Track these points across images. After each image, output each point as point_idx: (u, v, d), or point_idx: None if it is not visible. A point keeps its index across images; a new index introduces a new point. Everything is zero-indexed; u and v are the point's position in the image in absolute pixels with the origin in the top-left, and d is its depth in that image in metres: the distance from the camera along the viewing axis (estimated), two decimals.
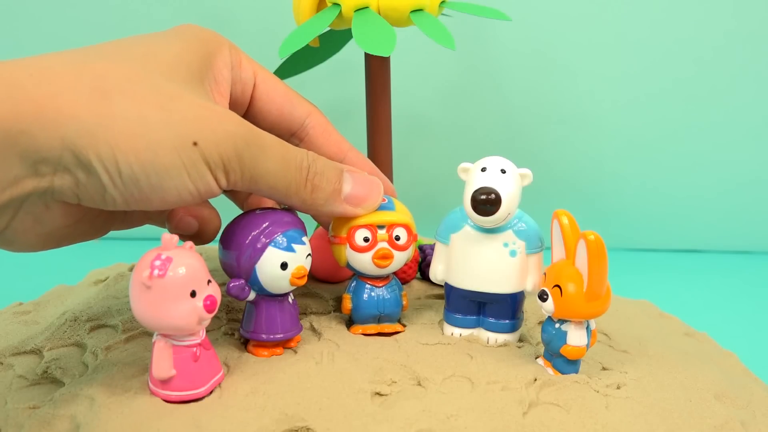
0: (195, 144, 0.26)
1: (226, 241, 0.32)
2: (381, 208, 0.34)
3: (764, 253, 0.77)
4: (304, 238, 0.32)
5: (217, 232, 0.35)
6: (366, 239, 0.33)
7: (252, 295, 0.32)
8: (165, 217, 0.34)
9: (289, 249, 0.31)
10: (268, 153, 0.28)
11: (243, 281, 0.31)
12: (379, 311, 0.35)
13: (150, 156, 0.25)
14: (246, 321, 0.33)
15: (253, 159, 0.28)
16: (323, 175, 0.31)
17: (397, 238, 0.34)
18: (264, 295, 0.32)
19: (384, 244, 0.34)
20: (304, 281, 0.31)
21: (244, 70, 0.33)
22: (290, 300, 0.33)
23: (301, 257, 0.31)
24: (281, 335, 0.32)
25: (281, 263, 0.31)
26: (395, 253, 0.34)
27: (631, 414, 0.30)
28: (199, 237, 0.34)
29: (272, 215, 0.31)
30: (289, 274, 0.31)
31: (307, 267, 0.32)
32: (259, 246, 0.30)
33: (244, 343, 0.34)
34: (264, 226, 0.31)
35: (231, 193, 0.38)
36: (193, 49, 0.30)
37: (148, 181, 0.26)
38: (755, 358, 0.42)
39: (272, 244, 0.31)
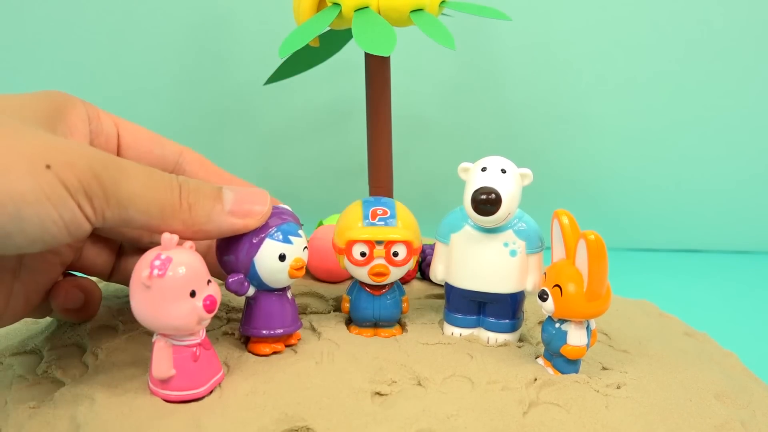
0: (48, 167, 0.24)
1: (222, 245, 0.32)
2: (383, 222, 0.33)
3: (764, 253, 0.77)
4: (300, 231, 0.32)
5: (100, 302, 0.35)
6: (363, 254, 0.33)
7: (251, 291, 0.32)
8: (47, 294, 0.33)
9: (286, 241, 0.31)
10: (130, 174, 0.27)
11: (242, 276, 0.31)
12: (375, 317, 0.35)
13: (2, 182, 0.24)
14: (245, 318, 0.33)
15: (114, 181, 0.26)
16: (199, 192, 0.29)
17: (395, 254, 0.33)
18: (263, 290, 0.32)
19: (380, 261, 0.33)
20: (302, 273, 0.32)
21: (103, 122, 0.32)
22: (289, 296, 0.33)
23: (298, 249, 0.31)
24: (281, 330, 0.32)
25: (279, 255, 0.31)
26: (392, 269, 0.33)
27: (631, 414, 0.30)
28: (85, 310, 0.34)
29: None
30: (288, 266, 0.31)
31: (305, 259, 0.32)
32: (255, 240, 0.31)
33: (245, 342, 0.34)
34: None
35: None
36: (41, 99, 0.29)
37: (4, 209, 0.24)
38: (755, 358, 0.42)
39: (269, 236, 0.31)
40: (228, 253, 0.31)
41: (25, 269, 0.31)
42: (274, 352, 0.32)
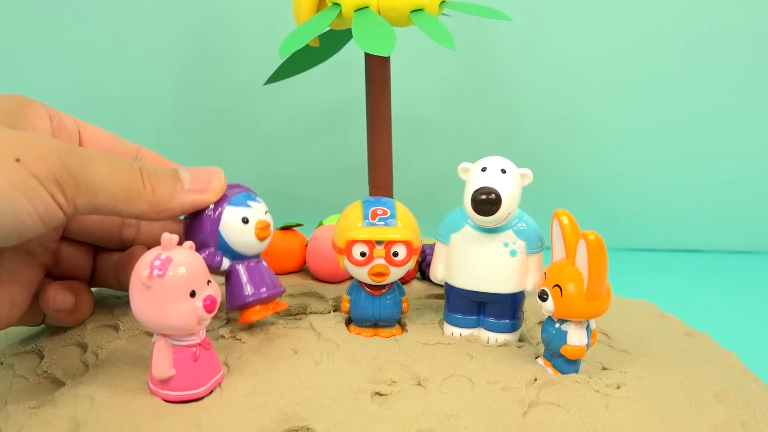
0: (18, 161, 0.25)
1: (188, 229, 0.33)
2: (383, 222, 0.33)
3: (764, 253, 0.77)
4: (258, 198, 0.33)
5: (92, 304, 0.36)
6: (363, 254, 0.33)
7: (226, 263, 0.32)
8: (35, 299, 0.33)
9: (245, 204, 0.32)
10: (95, 161, 0.28)
11: (212, 248, 0.32)
12: (375, 317, 0.35)
13: None
14: (229, 293, 0.33)
15: (83, 168, 0.27)
16: (158, 174, 0.30)
17: (395, 254, 0.33)
18: (237, 260, 0.33)
19: (380, 260, 0.33)
20: (268, 233, 0.33)
21: (64, 120, 0.33)
22: (264, 264, 0.34)
23: (259, 212, 0.33)
24: (265, 291, 0.33)
25: (242, 218, 0.32)
26: (392, 269, 0.33)
27: (631, 414, 0.30)
28: (77, 312, 0.34)
29: None
30: (252, 227, 0.32)
31: (269, 221, 0.33)
32: (216, 211, 0.32)
33: (228, 318, 0.34)
34: None
35: (101, 232, 0.37)
36: (1, 100, 0.30)
37: None
38: (755, 358, 0.42)
39: (228, 203, 0.32)
40: (196, 233, 0.32)
41: (3, 272, 0.31)
42: (274, 355, 0.32)
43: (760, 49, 0.69)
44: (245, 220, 0.32)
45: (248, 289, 0.33)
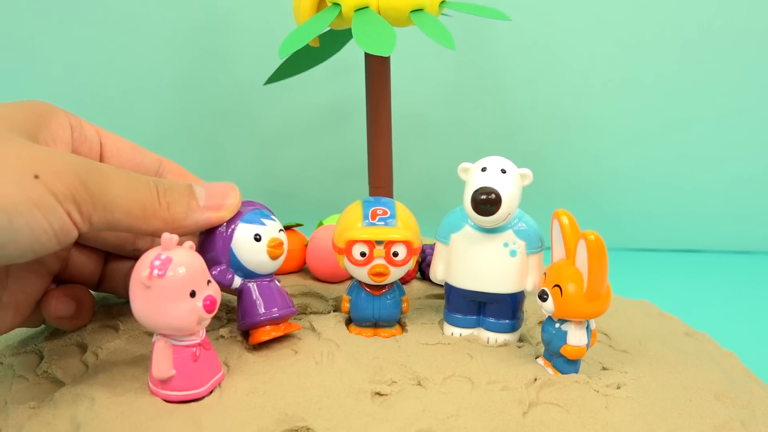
0: (36, 177, 0.25)
1: (202, 244, 0.32)
2: (383, 222, 0.33)
3: (764, 253, 0.77)
4: (273, 216, 0.33)
5: (93, 309, 0.36)
6: (363, 254, 0.33)
7: (237, 281, 0.32)
8: (38, 304, 0.33)
9: (259, 222, 0.32)
10: (112, 178, 0.28)
11: (224, 265, 0.31)
12: (375, 317, 0.35)
13: None
14: (240, 312, 0.33)
15: (100, 185, 0.27)
16: (173, 190, 0.30)
17: (395, 254, 0.33)
18: (250, 279, 0.32)
19: (380, 260, 0.33)
20: (281, 251, 0.32)
21: (86, 130, 0.33)
22: (277, 282, 0.34)
23: (273, 230, 0.32)
24: (277, 311, 0.33)
25: (254, 235, 0.32)
26: (392, 269, 0.33)
27: (631, 414, 0.30)
28: (77, 318, 0.34)
29: None
30: (265, 245, 0.32)
31: (282, 239, 0.33)
32: (229, 228, 0.32)
33: (245, 337, 0.34)
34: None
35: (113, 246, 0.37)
36: (23, 110, 0.30)
37: None
38: (755, 358, 0.42)
39: (241, 220, 0.32)
40: (209, 250, 0.32)
41: (12, 280, 0.31)
42: (274, 357, 0.32)
43: (760, 49, 0.69)
44: (257, 238, 0.32)
45: (259, 309, 0.32)
